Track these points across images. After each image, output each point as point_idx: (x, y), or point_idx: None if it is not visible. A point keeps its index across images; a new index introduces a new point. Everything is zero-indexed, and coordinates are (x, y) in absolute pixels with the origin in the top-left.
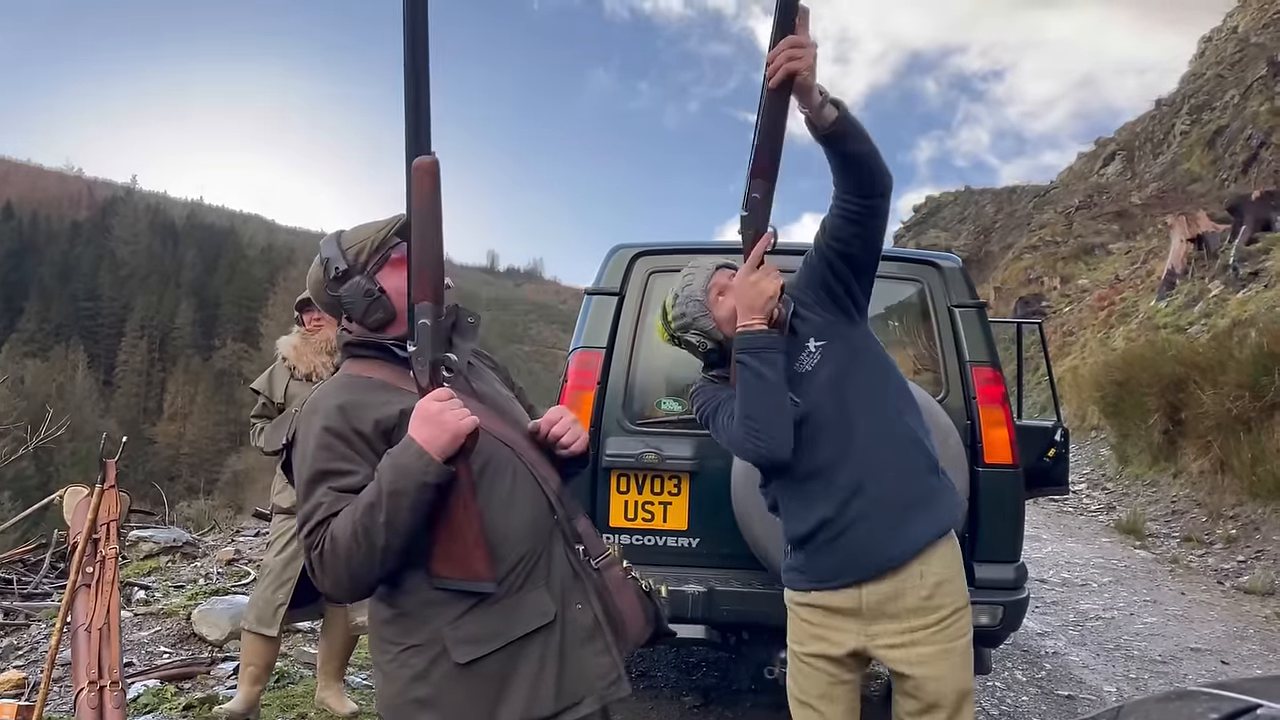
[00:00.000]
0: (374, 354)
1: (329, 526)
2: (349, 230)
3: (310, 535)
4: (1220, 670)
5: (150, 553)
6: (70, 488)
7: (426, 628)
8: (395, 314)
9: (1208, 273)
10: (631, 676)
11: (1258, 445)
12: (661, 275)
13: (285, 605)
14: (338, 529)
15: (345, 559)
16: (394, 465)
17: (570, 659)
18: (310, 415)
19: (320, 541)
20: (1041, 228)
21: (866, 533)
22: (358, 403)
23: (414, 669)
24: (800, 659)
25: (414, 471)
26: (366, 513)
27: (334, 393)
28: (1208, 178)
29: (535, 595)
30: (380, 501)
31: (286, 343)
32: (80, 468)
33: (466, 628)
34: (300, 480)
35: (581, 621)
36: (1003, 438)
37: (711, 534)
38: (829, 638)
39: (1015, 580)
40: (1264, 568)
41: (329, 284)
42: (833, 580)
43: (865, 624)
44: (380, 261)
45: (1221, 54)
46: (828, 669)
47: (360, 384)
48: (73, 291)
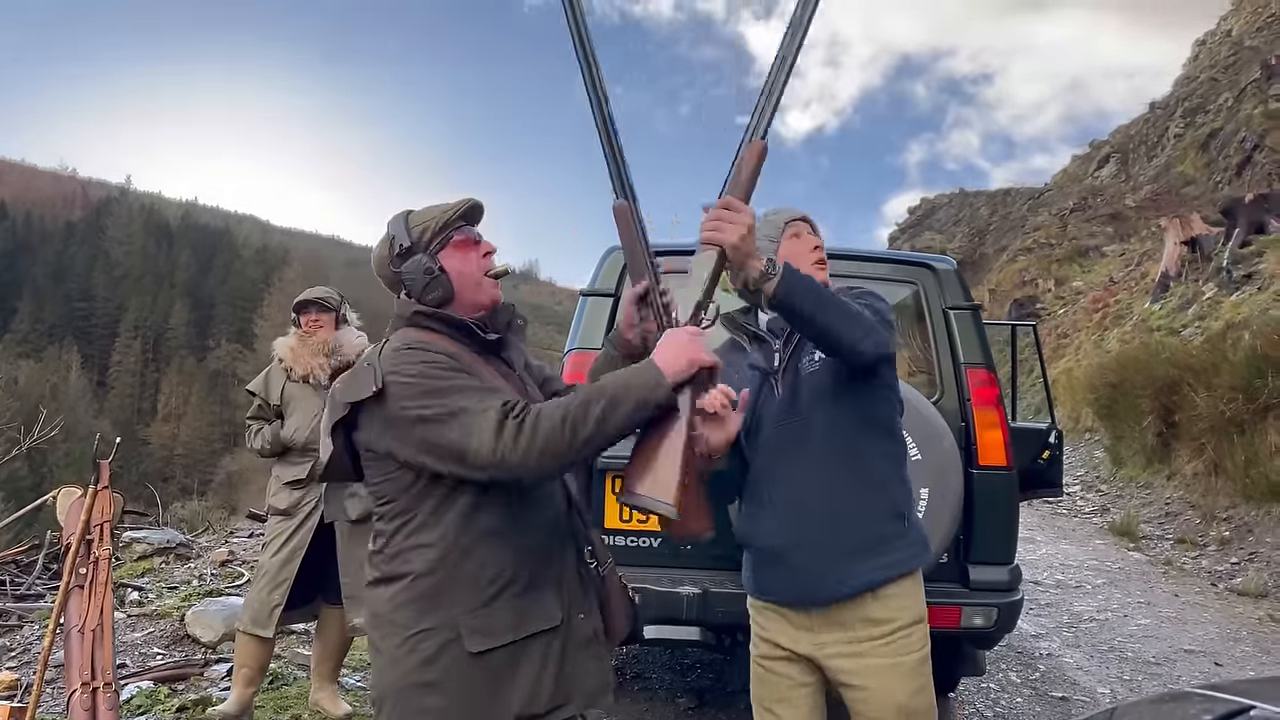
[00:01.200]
0: (446, 330)
1: (535, 408)
2: (418, 210)
3: (514, 404)
4: (1214, 672)
5: (144, 554)
6: (64, 489)
7: (440, 613)
8: (453, 294)
9: (1201, 275)
10: (626, 678)
11: (1251, 447)
12: None
13: (281, 606)
14: (546, 411)
15: (546, 433)
16: (624, 378)
17: (569, 662)
18: (408, 353)
19: (525, 413)
20: (1036, 230)
21: (805, 562)
22: (450, 355)
23: (424, 653)
24: (758, 663)
25: (642, 386)
26: (582, 406)
27: (426, 342)
28: (1201, 180)
29: (548, 597)
30: (600, 398)
31: (283, 344)
32: (74, 468)
33: (483, 618)
34: (440, 388)
35: (583, 630)
36: (997, 440)
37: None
38: (781, 642)
39: (1009, 582)
40: (1257, 570)
41: (392, 259)
42: (774, 596)
43: (815, 634)
44: (443, 242)
45: (1215, 57)
46: (786, 672)
47: (443, 348)
48: (67, 292)
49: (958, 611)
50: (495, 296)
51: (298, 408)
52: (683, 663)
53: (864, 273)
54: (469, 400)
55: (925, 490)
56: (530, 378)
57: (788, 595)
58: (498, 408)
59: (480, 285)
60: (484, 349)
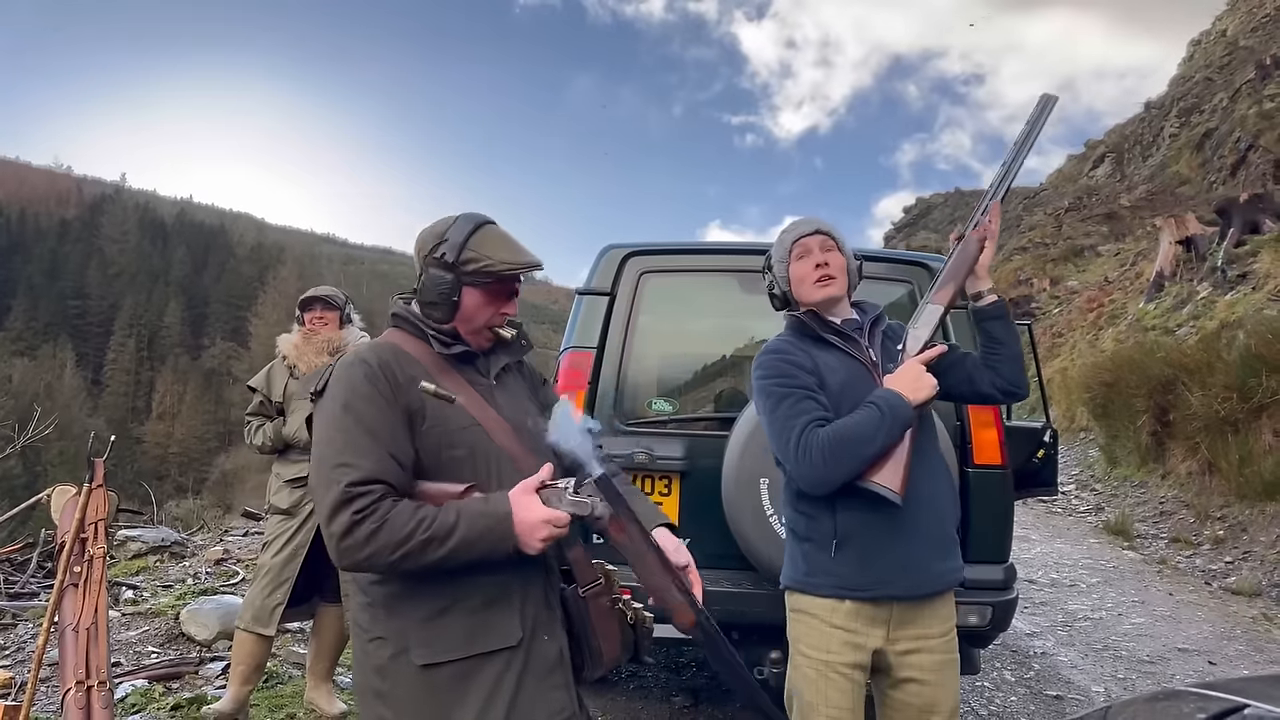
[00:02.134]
0: (415, 331)
1: (387, 509)
2: (490, 232)
3: (361, 491)
4: (1208, 670)
5: (138, 552)
6: (58, 487)
7: (393, 622)
8: (450, 321)
9: (1196, 275)
10: (622, 676)
11: (1245, 447)
12: (653, 275)
13: (283, 605)
14: (390, 526)
15: (373, 550)
16: (482, 529)
17: (525, 688)
18: (352, 366)
19: (368, 514)
20: (1031, 229)
21: (917, 555)
22: (395, 372)
23: (377, 660)
24: (834, 670)
25: (492, 543)
26: (425, 541)
27: (374, 354)
28: (1196, 180)
29: (505, 616)
30: (445, 542)
31: (287, 341)
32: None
33: (431, 631)
34: (337, 424)
35: (546, 653)
36: (992, 439)
37: (702, 534)
38: (864, 644)
39: (1004, 581)
40: (1251, 569)
41: (429, 256)
42: (878, 591)
43: (891, 629)
44: (481, 280)
45: (1210, 57)
46: (860, 679)
47: (399, 354)
48: (61, 290)
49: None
50: (482, 346)
51: (299, 405)
52: (677, 661)
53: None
54: (348, 454)
55: None
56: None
57: (897, 589)
58: (343, 486)
59: (479, 332)
60: (458, 358)
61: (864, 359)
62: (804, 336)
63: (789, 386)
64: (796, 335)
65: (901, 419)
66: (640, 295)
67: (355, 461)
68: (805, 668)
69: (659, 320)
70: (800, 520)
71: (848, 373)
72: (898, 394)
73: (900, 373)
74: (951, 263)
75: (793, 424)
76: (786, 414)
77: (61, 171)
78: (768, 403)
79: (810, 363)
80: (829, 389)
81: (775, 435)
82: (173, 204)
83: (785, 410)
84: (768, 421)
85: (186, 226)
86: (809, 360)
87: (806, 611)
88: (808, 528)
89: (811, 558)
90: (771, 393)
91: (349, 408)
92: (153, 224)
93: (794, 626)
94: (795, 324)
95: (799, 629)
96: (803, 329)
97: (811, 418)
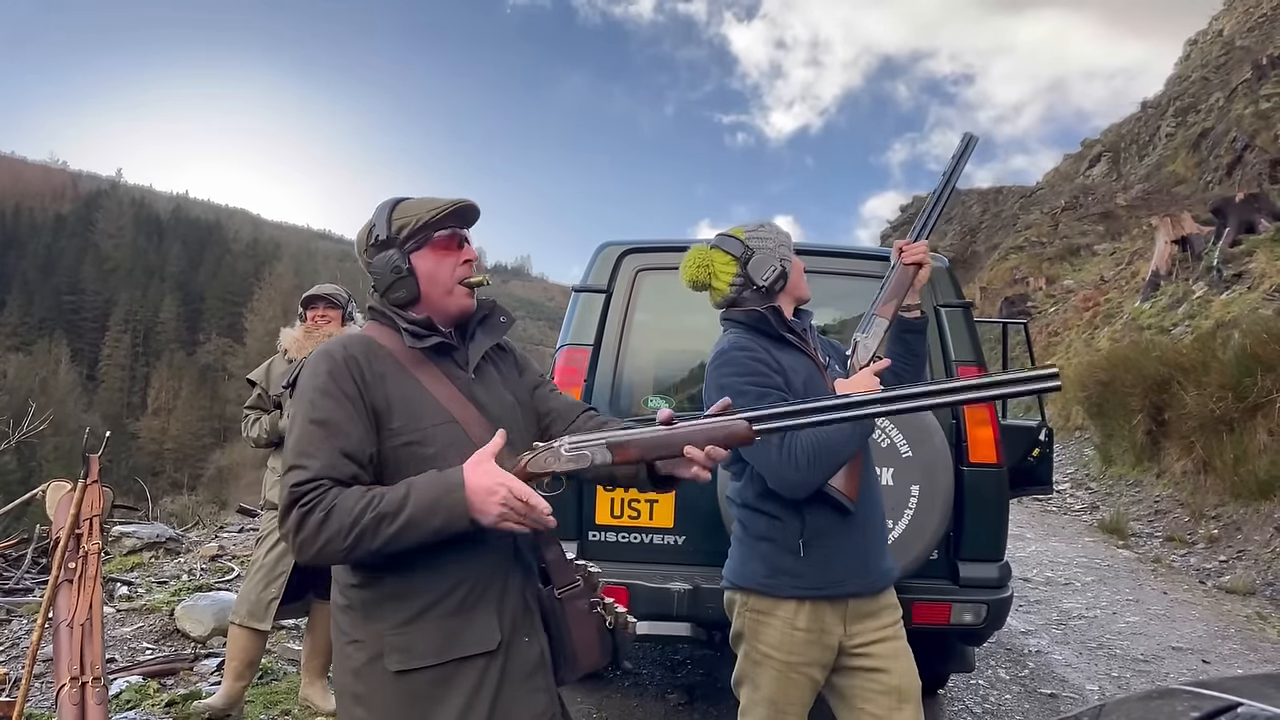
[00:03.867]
0: (389, 324)
1: (332, 496)
2: (410, 200)
3: (300, 487)
4: (1202, 669)
5: (133, 548)
6: (53, 483)
7: (370, 626)
8: (418, 297)
9: (1192, 274)
10: (616, 674)
11: (1240, 446)
12: (649, 273)
13: (278, 600)
14: (341, 508)
15: (328, 537)
16: (433, 501)
17: (506, 691)
18: (318, 361)
19: (314, 503)
20: (1027, 228)
21: (873, 552)
22: (362, 365)
23: (354, 663)
24: (793, 669)
25: (447, 518)
26: (377, 518)
27: (341, 346)
28: (1192, 180)
29: (483, 619)
30: (396, 518)
31: (289, 335)
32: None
33: (406, 636)
34: (295, 422)
35: (526, 655)
36: (987, 437)
37: (697, 531)
38: (829, 644)
39: (999, 579)
40: (1245, 567)
41: (366, 249)
42: (845, 588)
43: (850, 624)
44: (420, 242)
45: (1207, 57)
46: (816, 676)
47: (369, 347)
48: (56, 285)
49: (947, 608)
50: (466, 306)
51: None
52: (673, 659)
53: (856, 270)
54: (300, 453)
55: (915, 487)
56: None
57: (856, 586)
58: (289, 488)
59: (451, 293)
60: (435, 349)
61: (816, 359)
62: (760, 335)
63: (764, 386)
64: (752, 333)
65: (867, 428)
66: (636, 292)
67: (305, 462)
68: (767, 666)
69: (655, 317)
70: (760, 520)
71: (806, 372)
72: None
73: (857, 381)
74: (894, 280)
75: None
76: None
77: (57, 166)
78: (740, 401)
79: (774, 362)
80: (793, 388)
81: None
82: (168, 199)
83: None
84: None
85: (182, 222)
86: (772, 359)
87: (768, 614)
88: (769, 528)
89: (772, 559)
90: (746, 391)
91: (310, 404)
92: (148, 220)
93: (751, 627)
94: (758, 320)
95: (759, 629)
96: (764, 327)
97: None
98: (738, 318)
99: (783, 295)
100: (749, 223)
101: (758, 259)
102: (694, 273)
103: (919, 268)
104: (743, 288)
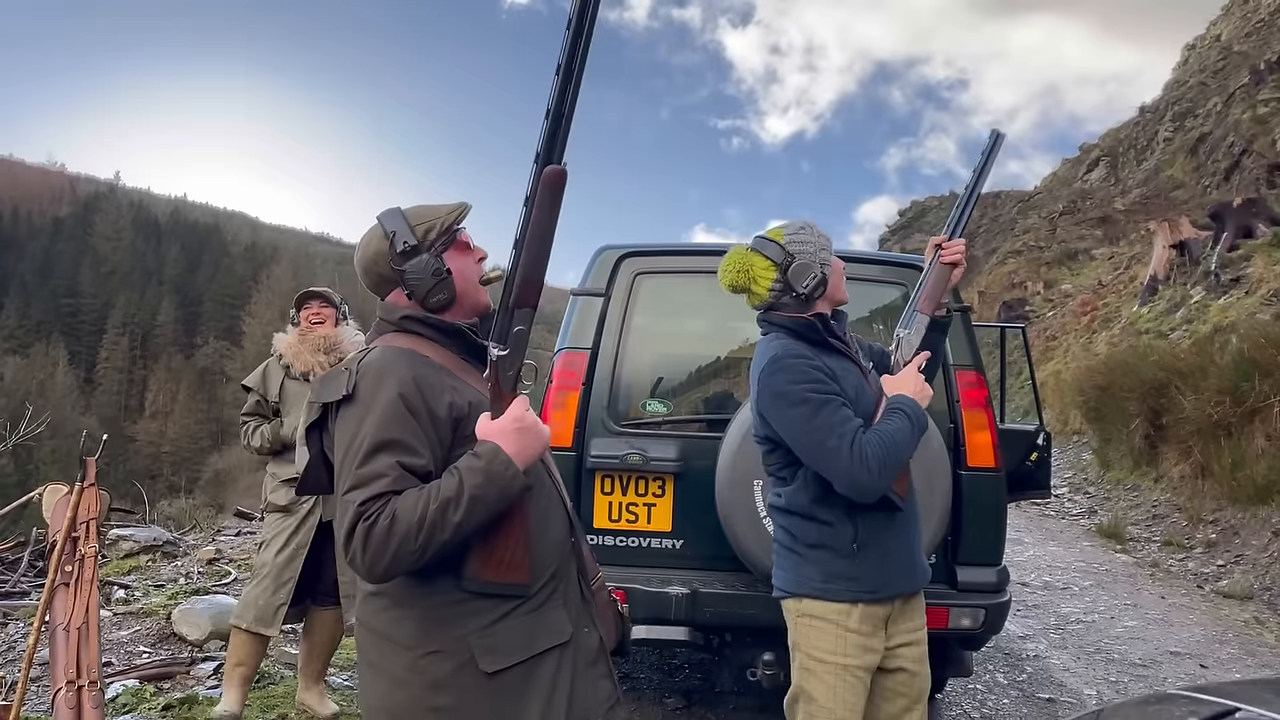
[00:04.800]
0: (433, 335)
1: (392, 503)
2: (410, 208)
3: (367, 504)
4: (1199, 674)
5: (130, 551)
6: (50, 485)
7: (451, 633)
8: (455, 297)
9: (1189, 279)
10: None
11: (1238, 450)
12: (647, 276)
13: (286, 605)
14: (403, 510)
15: (399, 542)
16: (484, 470)
17: (580, 681)
18: (383, 376)
19: (377, 515)
20: (1025, 232)
21: (917, 553)
22: (431, 382)
23: (434, 675)
24: (851, 673)
25: (502, 482)
26: (441, 508)
27: (408, 363)
28: (1190, 184)
29: (555, 613)
30: (460, 501)
31: (282, 340)
32: (60, 465)
33: (494, 637)
34: (361, 440)
35: (589, 644)
36: (985, 441)
37: (695, 536)
38: (875, 646)
39: (997, 583)
40: (1243, 572)
41: (394, 258)
42: (897, 589)
43: (891, 625)
44: (447, 242)
45: (1205, 62)
46: (868, 678)
47: (423, 362)
48: (54, 288)
49: (945, 612)
50: (486, 304)
51: (295, 405)
52: (670, 663)
53: (854, 274)
54: (374, 463)
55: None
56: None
57: (903, 586)
58: (359, 503)
59: (478, 289)
60: (471, 353)
61: (860, 364)
62: (807, 341)
63: (826, 393)
64: (797, 340)
65: (924, 426)
66: (635, 296)
67: (369, 481)
68: (822, 673)
69: (653, 321)
70: (810, 527)
71: (855, 378)
72: (914, 401)
73: (903, 379)
74: (934, 277)
75: (842, 430)
76: (831, 420)
77: (55, 169)
78: (804, 409)
79: (827, 369)
80: (846, 395)
81: (817, 442)
82: (167, 202)
83: (828, 416)
84: (804, 428)
85: (180, 225)
86: (825, 366)
87: (821, 618)
88: (821, 534)
89: (828, 564)
90: (809, 399)
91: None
92: (146, 222)
93: (804, 633)
94: (804, 327)
95: (811, 635)
96: (811, 333)
97: (857, 424)
98: (784, 323)
99: (822, 300)
100: (788, 223)
101: (798, 265)
102: (734, 277)
103: (954, 266)
104: (782, 293)
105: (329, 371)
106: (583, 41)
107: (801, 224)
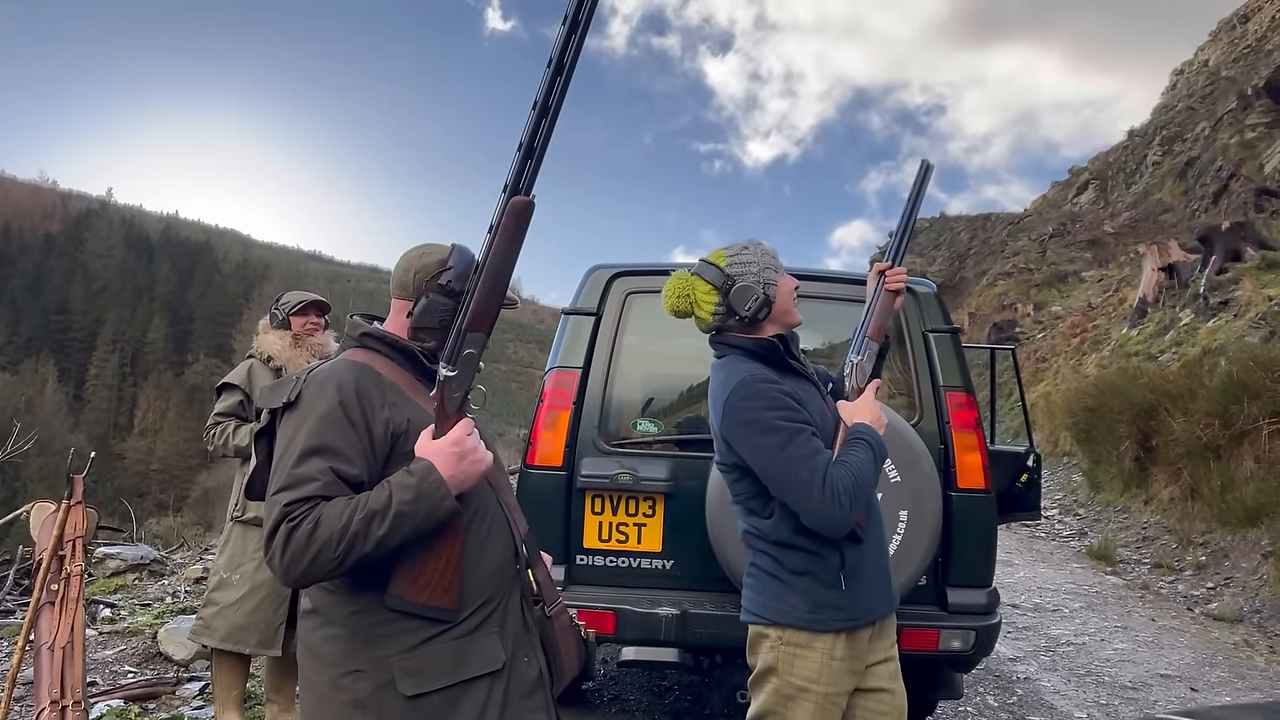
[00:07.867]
0: (390, 353)
1: (319, 508)
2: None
3: (293, 506)
4: (1189, 697)
5: (117, 570)
6: (37, 503)
7: (374, 653)
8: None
9: (1178, 302)
10: (604, 699)
11: (1227, 473)
12: (639, 296)
13: (284, 624)
14: (328, 517)
15: (319, 548)
16: (415, 487)
17: (511, 711)
18: (326, 385)
19: (301, 518)
20: (1015, 255)
21: (888, 573)
22: (372, 396)
23: (354, 694)
24: (830, 700)
25: (431, 502)
26: (366, 519)
27: (352, 375)
28: (1179, 208)
29: (488, 641)
30: (386, 515)
31: (274, 342)
32: (47, 483)
33: (417, 660)
34: (297, 444)
35: (527, 675)
36: (975, 462)
37: (686, 556)
38: (856, 669)
39: (987, 605)
40: (1233, 595)
41: (431, 283)
42: (880, 612)
43: (868, 646)
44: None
45: (1192, 87)
46: (844, 704)
47: (372, 377)
48: (44, 304)
49: (935, 634)
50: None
51: None
52: (660, 684)
53: (844, 295)
54: (306, 465)
55: (904, 513)
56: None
57: (886, 606)
58: (285, 504)
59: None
60: (426, 375)
61: (819, 386)
62: (767, 363)
63: (795, 421)
64: (758, 362)
65: (884, 455)
66: (626, 316)
67: (298, 484)
68: (803, 700)
69: (644, 341)
70: (796, 556)
71: (816, 402)
72: (874, 430)
73: (862, 406)
74: (880, 304)
75: (813, 464)
76: (801, 452)
77: (47, 186)
78: (774, 438)
79: (794, 394)
80: (812, 421)
81: (788, 474)
82: (158, 220)
83: (799, 448)
84: (776, 458)
85: (172, 242)
86: (792, 390)
87: (807, 646)
88: (808, 562)
89: (814, 594)
90: (780, 427)
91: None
92: (138, 239)
93: (786, 660)
94: (765, 349)
95: (795, 663)
96: (772, 354)
97: (827, 457)
98: (743, 344)
99: (769, 323)
100: (733, 244)
101: (739, 288)
102: (674, 302)
103: (897, 294)
104: (726, 316)
105: (278, 380)
106: (561, 80)
107: (745, 244)
